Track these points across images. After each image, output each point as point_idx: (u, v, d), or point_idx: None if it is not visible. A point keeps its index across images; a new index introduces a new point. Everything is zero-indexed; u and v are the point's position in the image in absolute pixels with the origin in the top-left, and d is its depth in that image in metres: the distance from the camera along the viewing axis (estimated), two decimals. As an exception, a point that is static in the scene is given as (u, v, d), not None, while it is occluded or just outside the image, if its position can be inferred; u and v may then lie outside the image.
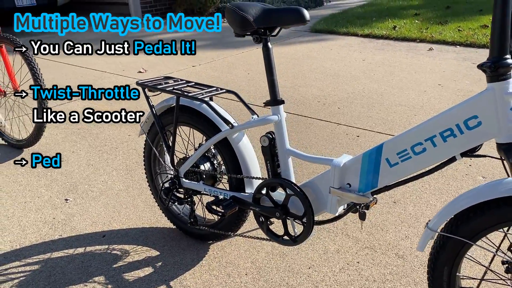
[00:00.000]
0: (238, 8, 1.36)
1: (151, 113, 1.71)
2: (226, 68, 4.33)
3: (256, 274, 1.62)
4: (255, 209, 1.49)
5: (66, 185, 2.30)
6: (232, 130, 1.50)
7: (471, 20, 5.80)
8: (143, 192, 2.20)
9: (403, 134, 1.20)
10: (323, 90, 3.62)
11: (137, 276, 1.64)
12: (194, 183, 1.64)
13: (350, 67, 4.24)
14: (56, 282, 1.63)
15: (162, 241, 1.83)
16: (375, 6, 7.60)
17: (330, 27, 5.94)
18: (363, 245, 1.76)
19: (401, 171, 1.22)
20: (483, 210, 1.11)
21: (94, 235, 1.89)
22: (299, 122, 3.00)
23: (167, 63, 4.67)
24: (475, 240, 1.14)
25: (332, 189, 1.34)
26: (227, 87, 3.75)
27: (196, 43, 5.56)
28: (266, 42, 1.39)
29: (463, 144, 1.12)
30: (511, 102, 1.03)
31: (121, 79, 4.12)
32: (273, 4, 7.51)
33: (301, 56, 4.70)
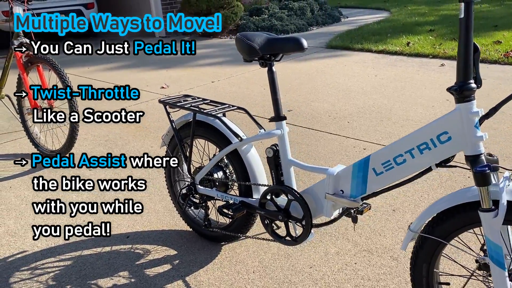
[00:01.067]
0: (245, 37, 1.57)
1: (171, 127, 1.93)
2: (243, 84, 4.57)
3: (263, 272, 1.81)
4: (261, 212, 1.69)
5: (95, 192, 2.54)
6: (241, 142, 1.70)
7: (485, 36, 5.91)
8: (163, 198, 2.42)
9: (387, 147, 1.38)
10: (334, 105, 3.80)
11: (156, 272, 1.84)
12: (208, 190, 1.85)
13: (362, 82, 4.41)
14: (86, 276, 1.85)
15: (179, 241, 2.03)
16: (391, 22, 7.76)
17: (345, 43, 6.13)
18: (361, 248, 1.92)
19: (386, 179, 1.40)
20: (454, 213, 1.27)
21: (119, 236, 2.11)
22: (310, 135, 3.18)
23: (188, 78, 4.93)
24: (449, 240, 1.31)
25: (327, 195, 1.52)
26: (243, 101, 3.97)
27: (216, 60, 5.83)
28: (270, 66, 1.59)
29: (437, 156, 1.29)
30: (475, 120, 1.21)
31: (144, 94, 4.40)
32: (292, 21, 7.76)
33: (316, 72, 4.90)
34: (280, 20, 7.71)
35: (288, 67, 5.19)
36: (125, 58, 6.34)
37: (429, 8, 9.26)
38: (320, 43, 6.48)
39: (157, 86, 4.66)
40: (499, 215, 1.16)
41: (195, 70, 5.37)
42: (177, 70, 5.42)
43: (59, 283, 1.81)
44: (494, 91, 3.89)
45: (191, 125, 1.82)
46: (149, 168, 2.78)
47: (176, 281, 1.78)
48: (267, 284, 1.74)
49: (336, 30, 7.44)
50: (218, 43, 7.21)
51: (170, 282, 1.78)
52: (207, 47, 6.90)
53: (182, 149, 1.90)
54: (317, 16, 8.30)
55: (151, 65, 5.79)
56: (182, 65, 5.68)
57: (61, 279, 1.83)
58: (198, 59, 5.97)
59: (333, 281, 1.74)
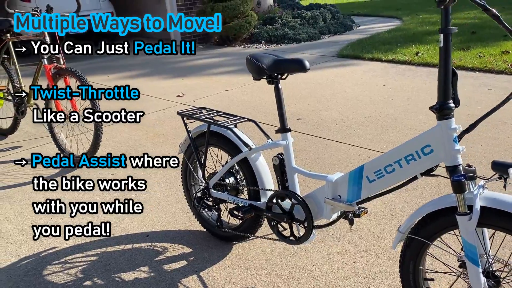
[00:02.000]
0: (255, 59, 1.77)
1: (188, 137, 2.13)
2: (256, 93, 4.77)
3: (269, 269, 1.99)
4: (267, 214, 1.87)
5: (117, 194, 2.76)
6: (250, 151, 1.90)
7: (494, 46, 6.01)
8: (179, 201, 2.62)
9: (379, 157, 1.55)
10: (342, 113, 3.98)
11: (173, 267, 2.04)
12: (221, 193, 2.04)
13: (370, 91, 4.57)
14: (110, 270, 2.05)
15: (194, 240, 2.23)
16: (402, 31, 7.90)
17: (356, 52, 6.29)
18: (360, 249, 2.09)
19: (378, 186, 1.58)
20: (436, 217, 1.44)
21: (139, 235, 2.32)
22: (318, 143, 3.36)
23: (203, 87, 5.16)
24: (432, 241, 1.48)
25: (326, 200, 1.70)
26: (255, 110, 4.17)
27: (229, 69, 6.05)
28: (277, 84, 1.79)
29: (421, 166, 1.46)
30: (454, 135, 1.38)
31: (162, 102, 4.63)
32: (304, 29, 7.94)
33: (326, 81, 5.08)
34: (292, 29, 7.90)
35: (299, 76, 5.38)
36: (143, 67, 6.61)
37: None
38: (331, 52, 6.66)
39: (174, 95, 4.89)
40: (473, 218, 1.33)
41: (209, 78, 5.59)
42: (192, 78, 5.65)
43: (87, 275, 2.02)
44: (498, 102, 4.02)
45: (206, 135, 2.02)
46: (167, 173, 2.99)
47: (191, 276, 1.98)
48: (273, 280, 1.93)
49: (348, 39, 7.61)
50: (232, 51, 7.43)
51: (185, 277, 1.97)
52: (221, 55, 7.14)
53: (198, 156, 2.10)
54: (329, 25, 8.48)
55: (167, 73, 6.03)
56: (197, 73, 5.92)
57: (88, 273, 2.04)
58: (212, 68, 6.20)
59: (333, 278, 1.91)
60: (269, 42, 7.80)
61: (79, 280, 1.99)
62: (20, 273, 2.06)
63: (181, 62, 6.81)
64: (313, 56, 6.48)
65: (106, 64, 6.96)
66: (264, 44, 7.73)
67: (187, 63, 6.73)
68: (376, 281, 1.88)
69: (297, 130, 3.66)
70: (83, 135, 3.56)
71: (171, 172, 3.00)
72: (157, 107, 4.47)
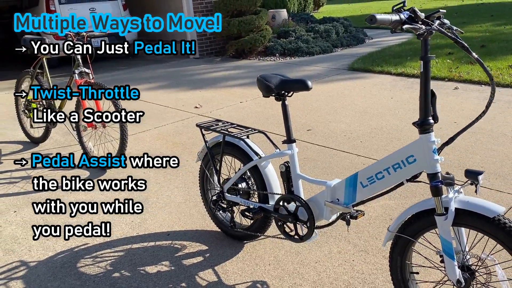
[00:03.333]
0: (264, 79, 2.03)
1: (205, 146, 2.39)
2: (268, 105, 5.03)
3: (276, 264, 2.23)
4: (275, 215, 2.12)
5: (140, 198, 3.03)
6: (260, 159, 2.15)
7: (502, 60, 6.18)
8: (197, 204, 2.88)
9: (371, 165, 1.79)
10: (350, 125, 4.20)
11: (191, 262, 2.29)
12: (234, 197, 2.29)
13: (378, 104, 4.79)
14: (135, 264, 2.32)
15: (210, 239, 2.48)
16: (412, 44, 8.09)
17: (366, 66, 6.52)
18: (359, 249, 2.32)
19: (370, 190, 1.81)
20: (419, 217, 1.67)
21: (161, 234, 2.58)
22: (325, 153, 3.60)
23: (219, 99, 5.44)
24: (416, 238, 1.70)
25: (326, 203, 1.94)
26: (268, 121, 4.42)
27: (244, 81, 6.33)
28: (283, 101, 2.04)
29: (406, 173, 1.70)
30: (433, 147, 1.61)
31: (180, 113, 4.92)
32: (317, 43, 8.20)
33: (336, 94, 5.32)
34: (306, 42, 8.17)
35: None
36: (162, 79, 6.94)
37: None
38: (343, 65, 6.90)
39: (192, 106, 5.18)
40: (448, 218, 1.55)
41: (225, 90, 5.88)
42: (209, 90, 5.95)
43: (115, 268, 2.28)
44: (500, 115, 4.20)
45: (221, 144, 2.28)
46: (185, 179, 3.26)
47: (207, 270, 2.23)
48: (280, 274, 2.16)
49: (359, 52, 7.84)
50: (247, 64, 7.73)
51: (202, 270, 2.22)
52: (236, 68, 7.44)
53: (214, 163, 2.36)
54: (342, 38, 8.72)
55: (185, 86, 6.35)
56: (213, 85, 6.22)
57: (116, 266, 2.31)
58: (228, 80, 6.49)
59: (333, 273, 2.14)
60: (283, 55, 8.08)
61: (108, 272, 2.25)
62: (57, 265, 2.34)
63: (198, 75, 7.12)
64: (325, 69, 6.73)
65: (128, 76, 7.32)
66: (278, 57, 8.01)
67: (204, 75, 7.04)
68: (372, 276, 2.10)
69: (306, 140, 3.90)
70: (109, 144, 3.86)
71: (190, 179, 3.26)
72: (175, 118, 4.76)
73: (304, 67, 7.08)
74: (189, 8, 8.45)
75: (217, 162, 2.37)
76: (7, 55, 10.84)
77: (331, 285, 2.07)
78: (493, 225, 1.51)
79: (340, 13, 16.12)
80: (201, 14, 8.53)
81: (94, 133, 3.65)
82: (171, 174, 3.37)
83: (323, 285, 2.07)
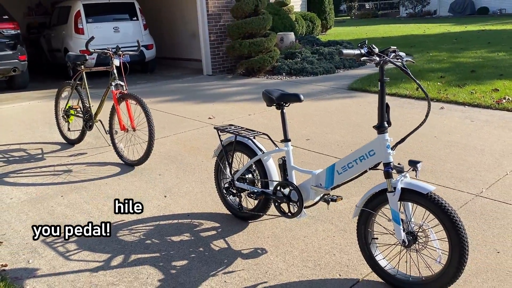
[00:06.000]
0: (268, 92, 2.69)
1: (220, 144, 3.04)
2: (273, 117, 5.69)
3: (273, 237, 2.85)
4: (273, 197, 2.74)
5: (164, 188, 3.68)
6: (263, 154, 2.79)
7: (487, 84, 6.80)
8: (211, 194, 3.51)
9: (344, 158, 2.42)
10: (344, 136, 4.84)
11: (207, 234, 2.92)
12: (242, 184, 2.93)
13: (370, 119, 5.42)
14: (163, 234, 2.94)
15: (221, 219, 3.11)
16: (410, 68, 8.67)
17: (364, 86, 7.18)
18: (340, 228, 2.93)
19: (344, 176, 2.43)
20: (377, 195, 2.29)
21: (182, 214, 3.21)
22: (320, 159, 4.22)
23: (230, 111, 6.12)
24: (376, 211, 2.32)
25: (312, 187, 2.57)
26: (272, 130, 5.05)
27: (252, 96, 7.01)
28: (282, 109, 2.69)
29: (369, 163, 2.32)
30: (387, 143, 2.24)
31: (196, 122, 5.59)
32: (321, 64, 8.90)
33: (334, 110, 5.97)
34: (310, 63, 8.87)
35: (312, 105, 6.29)
36: (178, 93, 7.65)
37: (448, 55, 10.19)
38: (343, 85, 7.57)
39: (206, 117, 5.86)
40: (396, 195, 2.17)
41: (235, 104, 6.56)
42: (221, 104, 6.63)
43: (147, 237, 2.92)
44: (476, 132, 4.81)
45: (233, 143, 2.93)
46: (201, 175, 3.89)
47: (219, 240, 2.85)
48: (276, 244, 2.78)
49: (359, 73, 8.51)
50: (255, 82, 8.43)
51: (215, 240, 2.84)
52: (246, 85, 8.14)
53: (227, 158, 3.00)
54: (344, 60, 9.41)
55: (199, 99, 7.04)
56: (225, 100, 6.90)
57: (147, 235, 2.93)
58: (238, 95, 7.18)
59: (317, 244, 2.75)
60: (289, 74, 8.77)
61: (142, 240, 2.88)
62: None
63: (211, 90, 7.83)
64: (326, 88, 7.40)
65: (148, 90, 8.04)
66: (284, 76, 8.71)
67: (217, 90, 7.75)
68: (347, 247, 2.71)
69: (305, 148, 4.53)
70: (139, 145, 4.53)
71: (205, 176, 3.90)
72: (192, 127, 5.43)
73: (308, 85, 7.75)
74: (205, 31, 9.22)
75: (230, 157, 3.01)
76: (36, 68, 11.66)
77: (315, 252, 2.68)
78: (427, 199, 2.12)
79: (347, 35, 16.89)
80: (215, 35, 9.30)
81: (125, 136, 4.32)
82: (189, 171, 4.01)
83: (309, 251, 2.69)
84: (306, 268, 2.53)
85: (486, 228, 2.85)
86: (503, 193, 3.32)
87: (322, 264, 2.56)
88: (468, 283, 2.34)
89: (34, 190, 3.73)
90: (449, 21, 24.27)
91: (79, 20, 9.10)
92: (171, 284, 2.43)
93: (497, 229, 2.84)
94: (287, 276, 2.47)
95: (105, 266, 2.63)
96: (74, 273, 2.57)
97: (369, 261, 2.40)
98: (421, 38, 14.91)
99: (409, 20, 27.53)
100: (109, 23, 9.34)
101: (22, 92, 8.50)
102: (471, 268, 2.45)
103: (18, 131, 5.67)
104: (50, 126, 5.74)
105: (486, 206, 3.14)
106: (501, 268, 2.45)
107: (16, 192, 3.71)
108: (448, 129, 4.94)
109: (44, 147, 4.92)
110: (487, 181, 3.55)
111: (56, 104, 5.03)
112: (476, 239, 2.74)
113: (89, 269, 2.60)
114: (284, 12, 12.01)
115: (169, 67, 11.39)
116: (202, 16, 9.20)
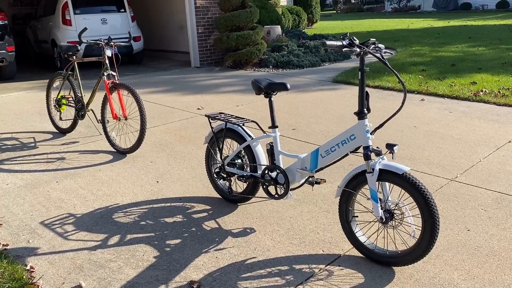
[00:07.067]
0: (256, 81, 2.85)
1: (211, 131, 3.20)
2: (261, 108, 5.86)
3: (261, 218, 3.03)
4: (261, 180, 2.92)
5: (156, 174, 3.83)
6: (251, 140, 2.96)
7: (466, 77, 7.08)
8: (202, 180, 3.68)
9: (327, 142, 2.60)
10: (328, 126, 5.03)
11: (199, 216, 3.08)
12: (232, 169, 3.10)
13: (353, 110, 5.62)
14: (156, 216, 3.10)
15: (212, 202, 3.28)
16: (392, 61, 9.00)
17: (348, 79, 7.39)
18: (324, 210, 3.13)
19: (327, 160, 2.62)
20: (357, 176, 2.48)
21: (175, 198, 3.37)
22: (306, 147, 4.42)
23: (218, 102, 6.27)
24: (356, 191, 2.51)
25: (297, 170, 2.75)
26: (259, 119, 5.24)
27: (240, 88, 7.17)
28: (270, 98, 2.86)
29: (351, 147, 2.51)
30: (367, 128, 2.43)
31: (185, 113, 5.73)
32: (307, 57, 9.08)
33: (319, 101, 6.17)
34: (297, 56, 9.05)
35: (298, 96, 6.47)
36: (167, 84, 7.76)
37: (430, 49, 10.48)
38: (328, 77, 7.77)
39: (194, 108, 6.00)
40: (374, 175, 2.37)
41: (223, 95, 6.71)
42: (209, 95, 6.78)
43: (141, 219, 3.07)
44: (453, 122, 5.06)
45: (224, 130, 3.09)
46: (192, 162, 4.05)
47: (210, 220, 3.02)
48: (263, 224, 2.96)
49: (344, 67, 8.72)
50: (243, 74, 8.58)
51: (207, 221, 3.02)
52: (233, 77, 8.28)
53: (218, 144, 3.17)
54: (329, 54, 9.62)
55: (188, 90, 7.17)
56: (213, 91, 7.05)
57: (142, 217, 3.09)
58: (226, 87, 7.33)
59: (302, 224, 2.95)
60: (275, 67, 8.94)
61: (137, 221, 3.04)
62: (97, 216, 3.13)
63: (199, 81, 7.95)
64: (312, 80, 7.59)
65: (136, 81, 8.13)
66: (271, 68, 8.88)
67: (205, 82, 7.88)
68: (330, 226, 2.91)
69: (291, 137, 4.72)
70: (131, 134, 4.66)
71: (195, 163, 4.06)
72: (181, 117, 5.57)
73: (294, 78, 7.94)
74: (192, 23, 9.32)
75: (220, 143, 3.18)
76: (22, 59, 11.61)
77: (300, 231, 2.88)
78: (402, 179, 2.32)
79: (332, 29, 17.11)
80: (203, 28, 9.40)
81: (117, 125, 4.45)
82: (180, 159, 4.16)
83: (294, 230, 2.88)
84: (292, 245, 2.73)
85: (459, 209, 3.08)
86: (475, 178, 3.55)
87: (307, 242, 2.75)
88: (440, 257, 2.55)
89: (30, 176, 3.85)
90: (433, 16, 24.70)
91: (67, 12, 9.11)
92: (166, 260, 2.60)
93: (469, 210, 3.07)
94: (274, 252, 2.66)
95: (103, 245, 2.78)
96: (73, 251, 2.72)
97: (350, 238, 2.60)
98: (405, 32, 15.20)
99: (394, 14, 27.91)
100: (96, 15, 9.38)
101: (10, 83, 8.51)
102: (443, 243, 2.67)
103: (9, 120, 5.74)
104: (41, 115, 5.82)
105: (459, 190, 3.37)
106: (470, 244, 2.68)
107: (12, 178, 3.83)
108: (427, 119, 5.17)
109: (36, 136, 5.02)
110: (462, 167, 3.78)
111: (47, 94, 5.11)
112: (449, 219, 2.96)
113: (87, 247, 2.76)
114: (270, 5, 12.15)
115: (156, 59, 11.47)
116: (190, 8, 9.29)
